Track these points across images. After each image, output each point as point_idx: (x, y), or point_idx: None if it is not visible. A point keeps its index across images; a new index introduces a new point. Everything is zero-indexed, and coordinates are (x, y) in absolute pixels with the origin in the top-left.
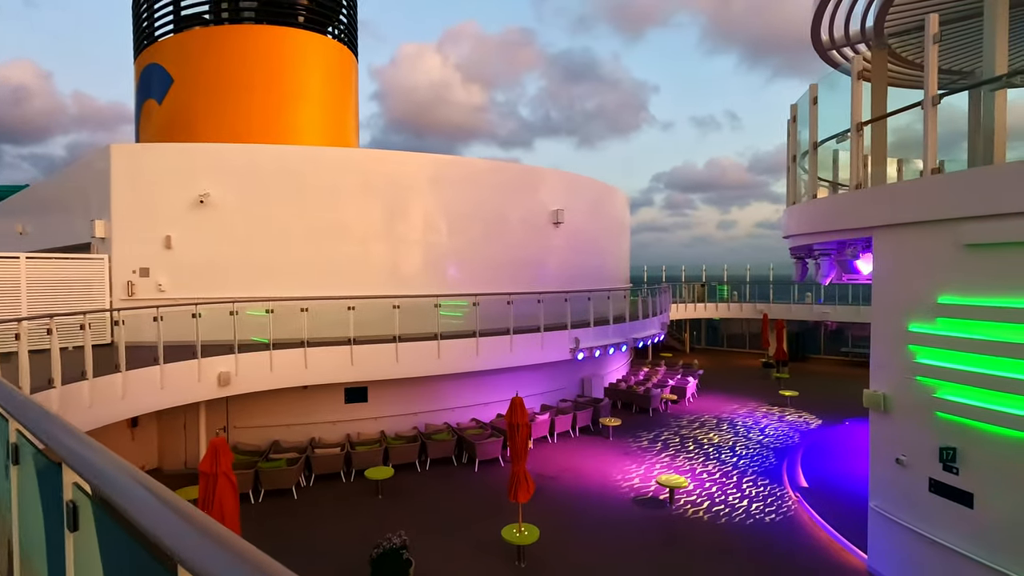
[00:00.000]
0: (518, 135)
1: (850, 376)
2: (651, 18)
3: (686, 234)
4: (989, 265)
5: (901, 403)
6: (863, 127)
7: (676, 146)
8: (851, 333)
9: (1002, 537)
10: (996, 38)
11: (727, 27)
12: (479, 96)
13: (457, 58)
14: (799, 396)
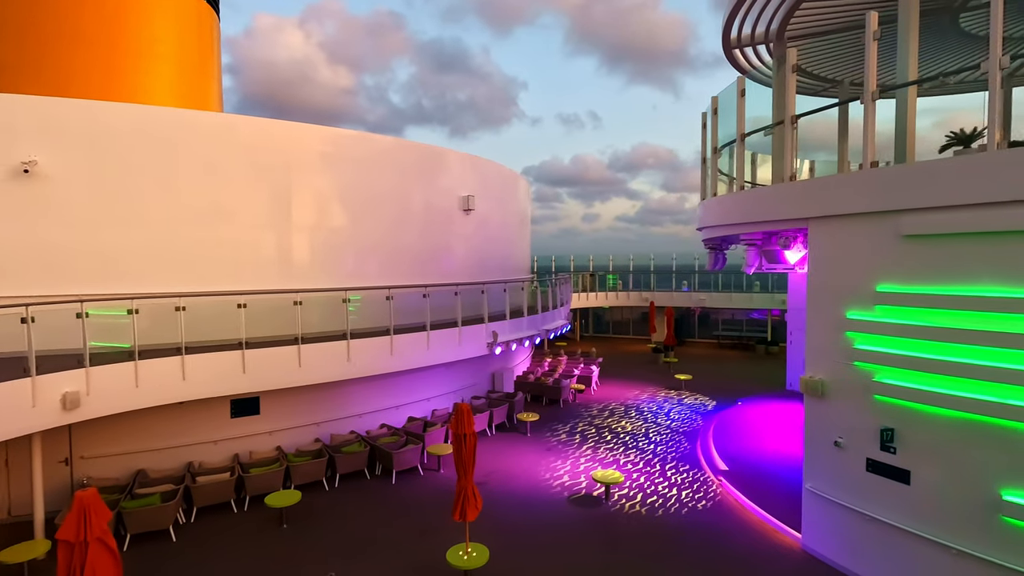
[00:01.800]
0: (388, 121)
1: (725, 357)
2: (519, 16)
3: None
4: (926, 255)
5: (839, 388)
6: (796, 120)
7: (544, 141)
8: (720, 318)
9: (936, 509)
10: (909, 45)
11: (588, 32)
12: (347, 78)
13: (322, 36)
14: (692, 379)
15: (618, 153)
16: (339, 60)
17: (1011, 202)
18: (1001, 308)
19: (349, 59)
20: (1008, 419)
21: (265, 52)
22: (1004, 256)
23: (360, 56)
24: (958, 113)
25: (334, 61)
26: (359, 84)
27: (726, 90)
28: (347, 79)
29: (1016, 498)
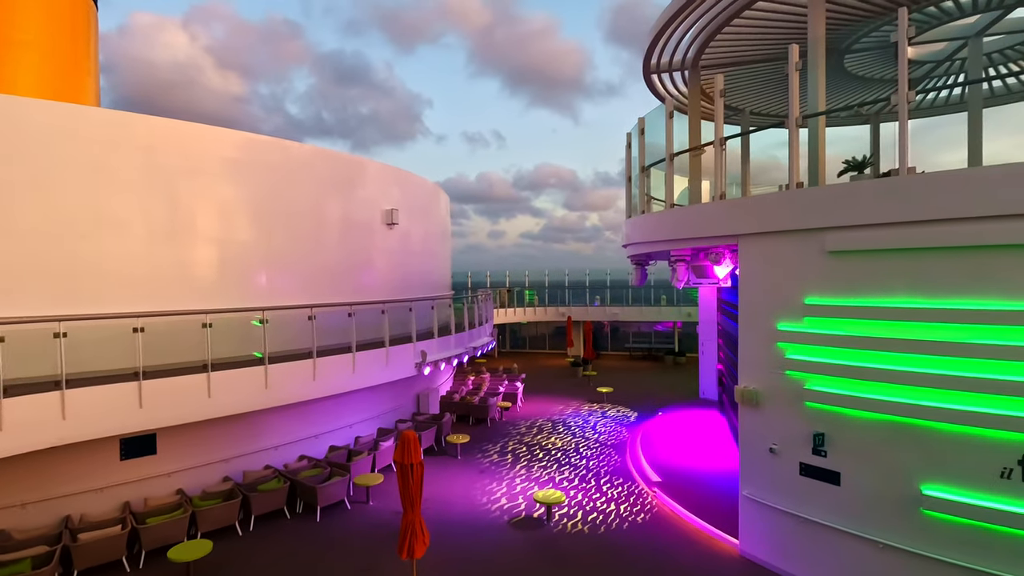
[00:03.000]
0: (286, 132)
1: (638, 368)
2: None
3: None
4: (849, 269)
5: (772, 397)
6: (725, 142)
7: (450, 158)
8: (630, 331)
9: (864, 507)
10: (819, 80)
11: (491, 54)
12: (238, 85)
13: (209, 40)
14: (613, 391)
15: (522, 172)
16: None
17: (921, 221)
18: (915, 318)
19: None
20: (925, 419)
21: (143, 51)
22: (916, 270)
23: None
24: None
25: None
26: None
27: (652, 112)
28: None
29: (934, 491)
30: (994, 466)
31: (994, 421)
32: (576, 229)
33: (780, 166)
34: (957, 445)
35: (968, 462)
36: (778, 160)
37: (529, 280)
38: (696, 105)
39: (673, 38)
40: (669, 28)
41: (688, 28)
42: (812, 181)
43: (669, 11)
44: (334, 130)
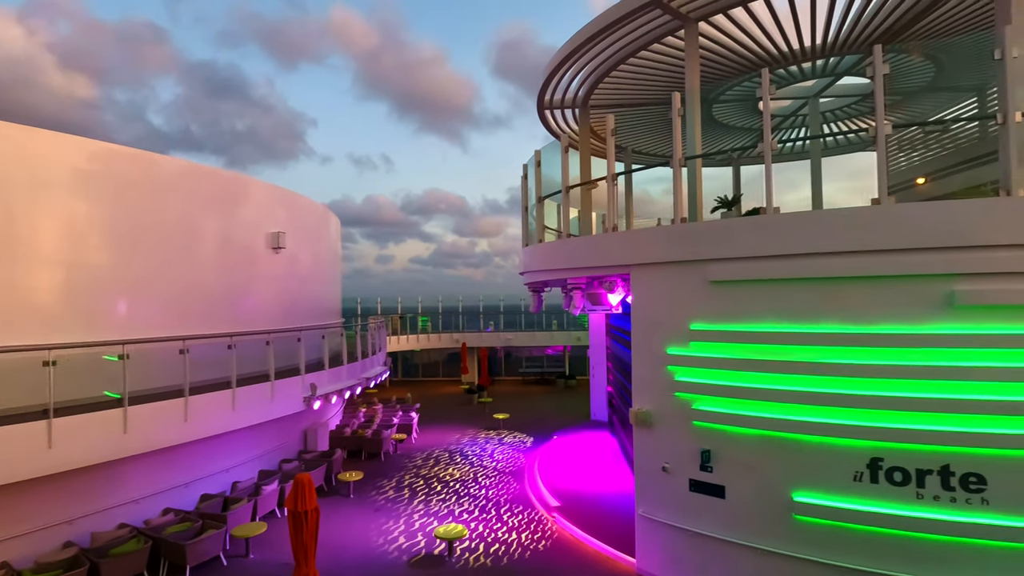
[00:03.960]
0: (147, 143)
1: (531, 393)
2: (304, 53)
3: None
4: (728, 297)
5: (664, 417)
6: (616, 178)
7: (336, 180)
8: (522, 355)
9: (746, 517)
10: (695, 125)
11: (378, 78)
12: (86, 89)
13: (52, 36)
14: (509, 417)
15: (411, 196)
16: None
17: (784, 255)
18: (781, 341)
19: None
20: (793, 432)
21: None
22: (781, 298)
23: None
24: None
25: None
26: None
27: (548, 146)
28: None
29: (803, 498)
30: (849, 471)
31: (847, 431)
32: (466, 255)
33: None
34: (820, 454)
35: (829, 469)
36: (649, 194)
37: (422, 306)
38: (586, 141)
39: (565, 78)
40: (561, 69)
41: (579, 71)
42: (692, 216)
43: (560, 54)
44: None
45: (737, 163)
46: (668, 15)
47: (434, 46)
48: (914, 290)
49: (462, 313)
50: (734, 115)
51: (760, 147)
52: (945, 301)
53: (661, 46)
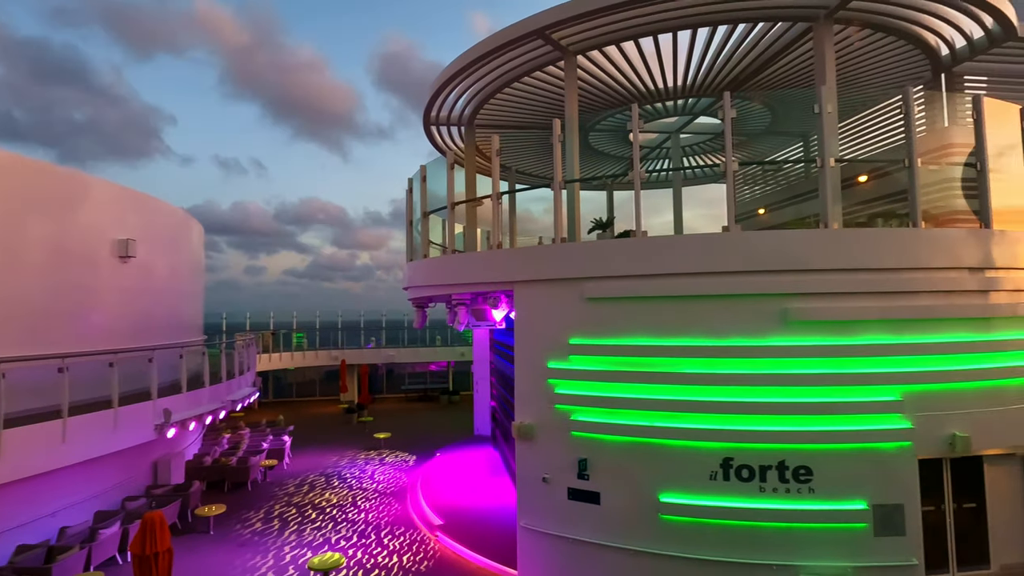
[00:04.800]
0: None
1: (413, 410)
2: (160, 41)
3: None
4: (602, 313)
5: (544, 429)
6: (501, 197)
7: (198, 183)
8: (405, 372)
9: (619, 521)
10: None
11: (250, 78)
12: None
13: None
14: (390, 436)
15: (286, 205)
16: None
17: (652, 275)
18: (649, 353)
19: None
20: (660, 438)
21: None
22: (650, 314)
23: None
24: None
25: None
26: None
27: (433, 161)
28: None
29: (668, 498)
30: (706, 470)
31: (705, 434)
32: (346, 267)
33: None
34: (681, 457)
35: (689, 470)
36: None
37: (297, 321)
38: (472, 159)
39: (451, 96)
40: (447, 87)
41: (465, 90)
42: (571, 236)
43: (447, 73)
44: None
45: (611, 188)
46: (550, 46)
47: (313, 51)
48: (756, 307)
49: (341, 329)
50: (609, 144)
51: (631, 175)
52: (781, 317)
53: (544, 74)
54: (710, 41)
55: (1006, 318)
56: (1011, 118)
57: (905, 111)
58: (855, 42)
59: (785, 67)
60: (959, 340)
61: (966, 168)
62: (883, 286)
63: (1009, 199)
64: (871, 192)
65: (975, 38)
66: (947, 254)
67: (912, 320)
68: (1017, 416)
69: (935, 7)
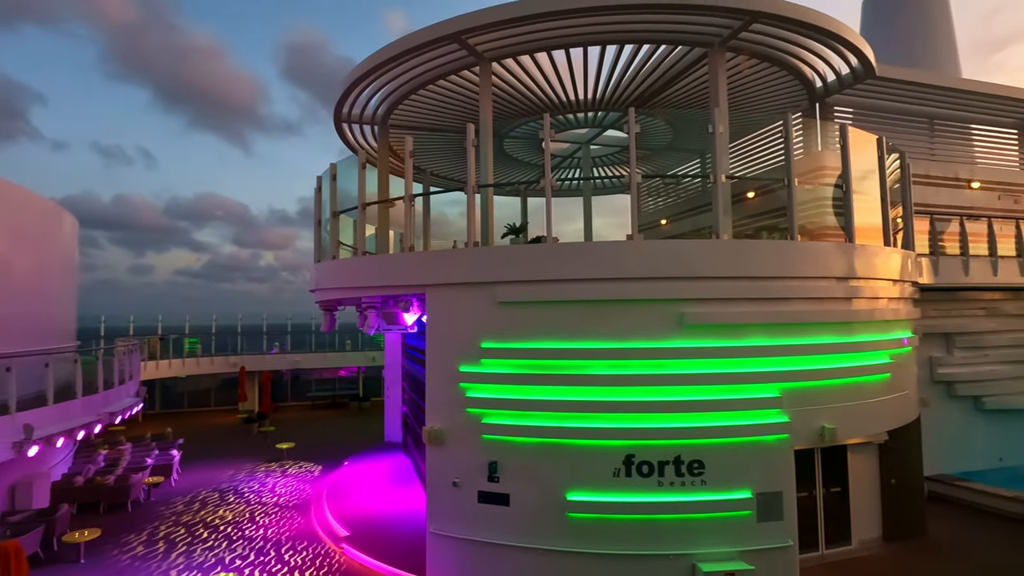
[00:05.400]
0: None
1: (321, 418)
2: (29, 11)
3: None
4: (515, 317)
5: (455, 434)
6: (414, 199)
7: (73, 172)
8: (312, 378)
9: (528, 521)
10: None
11: (137, 59)
12: None
13: None
14: (294, 446)
15: (179, 199)
16: None
17: (561, 280)
18: (560, 356)
19: None
20: (568, 438)
21: None
22: (560, 318)
23: None
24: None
25: None
26: None
27: (344, 160)
28: None
29: (575, 497)
30: (610, 468)
31: (609, 433)
32: (249, 268)
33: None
34: (587, 456)
35: (594, 468)
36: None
37: (191, 325)
38: (385, 159)
39: (364, 94)
40: (360, 85)
41: (378, 89)
42: (484, 241)
43: (360, 70)
44: None
45: (525, 194)
46: (466, 51)
47: (211, 36)
48: (656, 311)
49: (241, 333)
50: (523, 151)
51: (543, 182)
52: (678, 321)
53: (460, 78)
54: (617, 58)
55: (865, 322)
56: (870, 147)
57: (785, 135)
58: (744, 70)
59: (685, 88)
60: (827, 342)
61: (835, 188)
62: (765, 292)
63: (868, 217)
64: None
65: (843, 74)
66: (819, 265)
67: (789, 324)
68: (874, 409)
69: (810, 43)
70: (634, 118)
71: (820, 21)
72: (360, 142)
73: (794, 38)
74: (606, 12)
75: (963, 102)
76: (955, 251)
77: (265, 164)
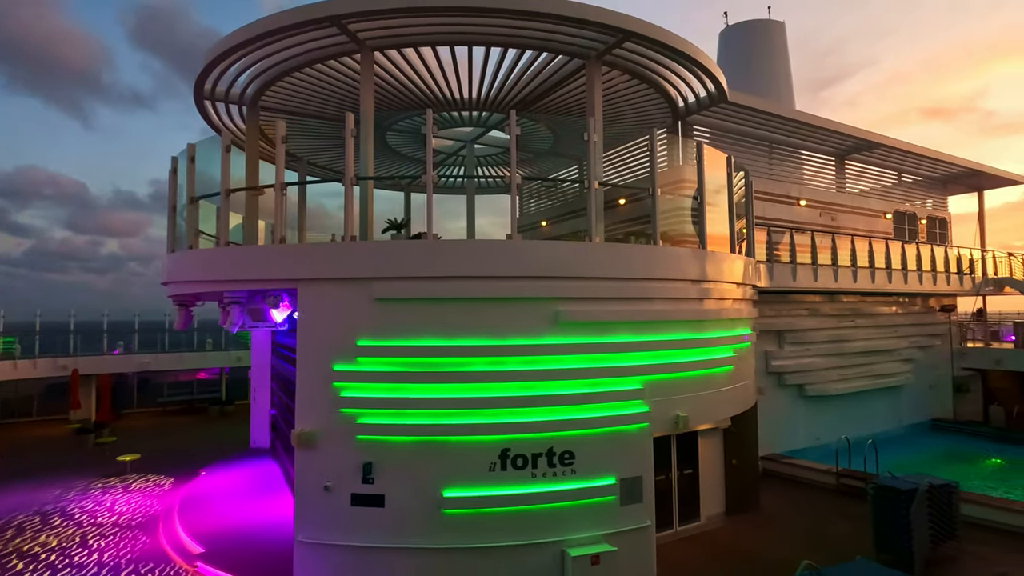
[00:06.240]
0: None
1: (174, 425)
2: None
3: None
4: (391, 314)
5: (328, 436)
6: (286, 187)
7: None
8: (165, 381)
9: (403, 522)
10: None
11: None
12: None
13: None
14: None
15: None
16: None
17: (441, 277)
18: (438, 353)
19: None
20: (446, 435)
21: None
22: (439, 315)
23: None
24: None
25: None
26: None
27: (205, 140)
28: None
29: (451, 493)
30: (486, 463)
31: (486, 428)
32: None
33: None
34: (465, 452)
35: (471, 464)
36: (325, 208)
37: (6, 322)
38: (254, 143)
39: (231, 71)
40: (226, 60)
41: (248, 66)
42: (363, 235)
43: (226, 44)
44: None
45: (408, 190)
46: (346, 36)
47: None
48: (534, 309)
49: (75, 331)
50: (407, 145)
51: (424, 178)
52: (553, 318)
53: (340, 64)
54: (501, 61)
55: (714, 320)
56: (721, 164)
57: (651, 149)
58: (619, 84)
59: (565, 96)
60: (683, 338)
61: (692, 200)
62: (631, 292)
63: (718, 227)
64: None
65: (701, 96)
66: (677, 268)
67: (652, 322)
68: (720, 397)
69: (674, 66)
70: (515, 121)
71: (683, 47)
72: (226, 122)
73: (661, 59)
74: (488, 14)
75: (795, 131)
76: (787, 259)
77: (109, 139)
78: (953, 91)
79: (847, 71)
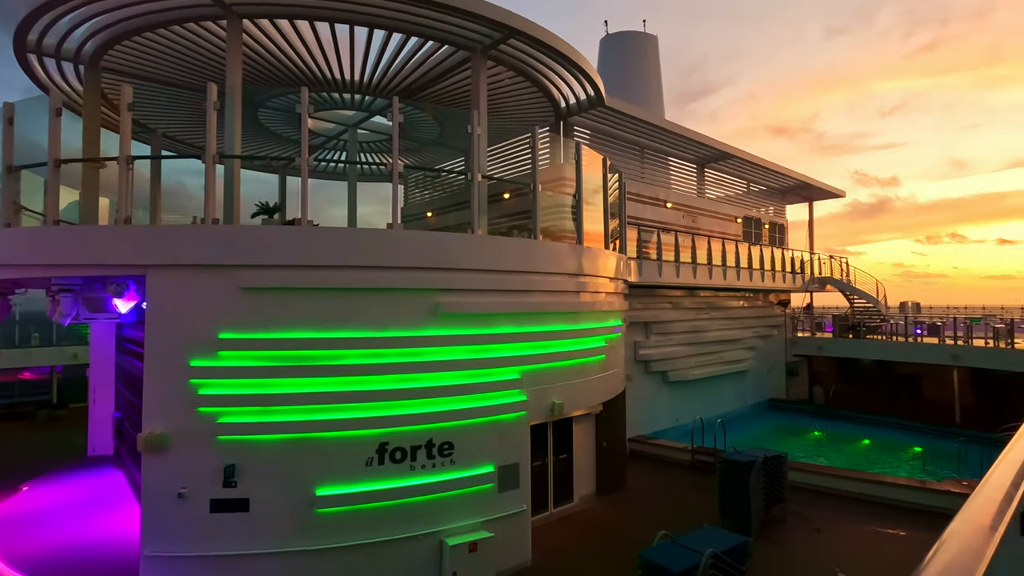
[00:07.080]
0: None
1: None
2: None
3: None
4: (262, 304)
5: (182, 438)
6: (133, 161)
7: None
8: None
9: (271, 525)
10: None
11: None
12: None
13: None
14: None
15: None
16: None
17: (317, 266)
18: (313, 346)
19: None
20: (320, 432)
21: None
22: (315, 306)
23: None
24: None
25: None
26: None
27: (28, 100)
28: None
29: (325, 491)
30: (363, 458)
31: (363, 423)
32: None
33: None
34: (340, 448)
35: (347, 460)
36: (187, 187)
37: None
38: (95, 109)
39: (64, 22)
40: (55, 10)
41: (86, 18)
42: (227, 219)
43: None
44: None
45: (284, 172)
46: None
47: None
48: (414, 300)
49: None
50: (283, 125)
51: (299, 160)
52: (433, 310)
53: (203, 29)
54: (385, 45)
55: (588, 312)
56: (599, 165)
57: (532, 146)
58: (504, 80)
59: (451, 87)
60: (560, 329)
61: (571, 197)
62: (511, 285)
63: (595, 225)
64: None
65: (581, 99)
66: (556, 262)
67: (530, 314)
68: (593, 385)
69: (557, 67)
70: (398, 107)
71: (564, 49)
72: (57, 81)
73: (545, 60)
74: None
75: (664, 138)
76: (655, 256)
77: None
78: (793, 113)
79: (711, 87)
